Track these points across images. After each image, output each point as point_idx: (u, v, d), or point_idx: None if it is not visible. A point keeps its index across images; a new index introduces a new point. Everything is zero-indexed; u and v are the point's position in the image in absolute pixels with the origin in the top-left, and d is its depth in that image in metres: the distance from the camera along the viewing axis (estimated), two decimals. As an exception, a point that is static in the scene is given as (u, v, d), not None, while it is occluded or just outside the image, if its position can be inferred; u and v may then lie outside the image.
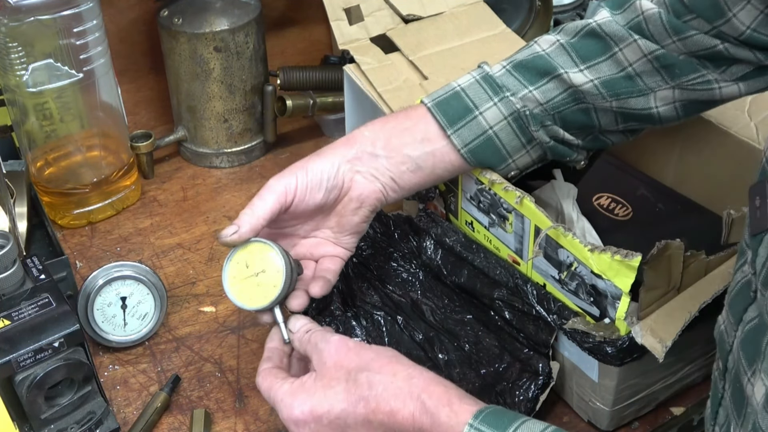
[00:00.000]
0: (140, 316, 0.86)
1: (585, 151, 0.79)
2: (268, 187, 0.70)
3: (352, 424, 0.62)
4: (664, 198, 0.86)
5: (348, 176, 0.73)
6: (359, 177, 0.74)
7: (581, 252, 0.69)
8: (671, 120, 0.75)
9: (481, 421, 0.57)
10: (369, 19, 1.01)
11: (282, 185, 0.70)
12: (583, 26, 0.75)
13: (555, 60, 0.74)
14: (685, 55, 0.71)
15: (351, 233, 0.76)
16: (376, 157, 0.74)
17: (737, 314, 0.57)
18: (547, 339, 0.75)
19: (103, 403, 0.76)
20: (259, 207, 0.69)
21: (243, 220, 0.69)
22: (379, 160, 0.74)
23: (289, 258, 0.70)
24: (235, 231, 0.68)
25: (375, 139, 0.74)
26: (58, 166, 1.01)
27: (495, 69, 0.76)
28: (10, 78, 0.92)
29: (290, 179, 0.71)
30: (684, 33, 0.70)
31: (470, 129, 0.74)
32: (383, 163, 0.74)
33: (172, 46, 1.06)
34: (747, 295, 0.56)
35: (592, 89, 0.73)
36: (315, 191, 0.72)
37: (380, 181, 0.74)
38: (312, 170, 0.72)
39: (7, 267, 0.72)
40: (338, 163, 0.73)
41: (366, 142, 0.74)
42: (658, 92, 0.73)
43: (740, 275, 0.58)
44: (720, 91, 0.72)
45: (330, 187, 0.72)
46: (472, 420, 0.58)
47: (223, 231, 0.69)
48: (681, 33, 0.70)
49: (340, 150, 0.74)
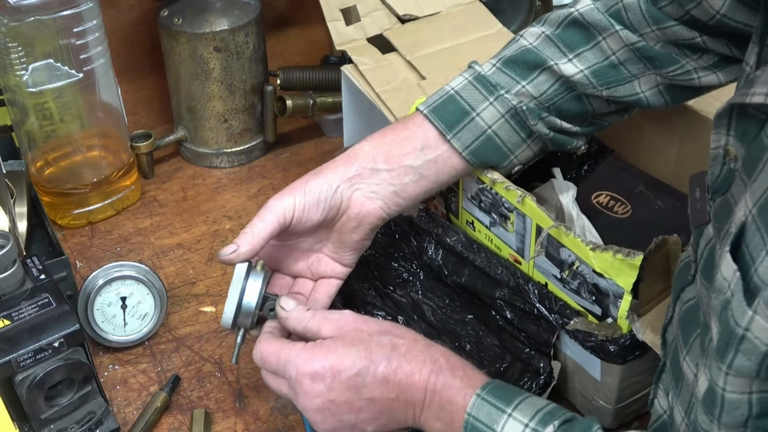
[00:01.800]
0: (140, 316, 0.86)
1: (584, 137, 0.79)
2: (268, 208, 0.71)
3: (370, 383, 0.63)
4: (663, 195, 0.86)
5: (347, 195, 0.73)
6: (358, 195, 0.74)
7: (583, 251, 0.69)
8: (660, 105, 0.76)
9: (488, 393, 0.61)
10: (366, 20, 1.01)
11: (281, 206, 0.71)
12: (565, 16, 0.75)
13: (543, 52, 0.75)
14: (663, 43, 0.72)
15: (351, 250, 0.76)
16: (378, 172, 0.74)
17: (676, 291, 0.61)
18: (548, 338, 0.74)
19: (103, 403, 0.76)
20: (259, 228, 0.70)
21: (243, 240, 0.69)
22: (381, 175, 0.74)
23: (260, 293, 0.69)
24: (234, 250, 0.69)
25: (375, 153, 0.74)
26: (58, 166, 1.01)
27: (486, 68, 0.76)
28: (10, 78, 0.92)
29: (289, 200, 0.71)
30: (663, 23, 0.71)
31: (469, 131, 0.74)
32: (385, 177, 0.74)
33: (172, 46, 1.06)
34: (686, 275, 0.60)
35: (583, 79, 0.74)
36: (313, 211, 0.72)
37: (381, 197, 0.74)
38: (310, 191, 0.72)
39: (7, 267, 0.72)
40: (336, 183, 0.73)
41: (366, 157, 0.74)
42: (641, 78, 0.74)
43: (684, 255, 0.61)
44: (699, 80, 0.73)
45: (328, 207, 0.72)
46: (480, 390, 0.62)
47: (223, 249, 0.70)
48: (660, 23, 0.71)
49: (340, 169, 0.74)
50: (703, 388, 0.51)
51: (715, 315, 0.48)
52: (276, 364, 0.65)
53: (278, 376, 0.66)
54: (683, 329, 0.58)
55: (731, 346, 0.46)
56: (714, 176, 0.55)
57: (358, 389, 0.63)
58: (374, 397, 0.63)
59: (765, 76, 0.49)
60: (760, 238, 0.45)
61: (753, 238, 0.46)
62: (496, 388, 0.62)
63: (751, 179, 0.48)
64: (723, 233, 0.51)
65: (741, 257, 0.47)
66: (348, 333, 0.65)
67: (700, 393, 0.52)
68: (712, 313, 0.49)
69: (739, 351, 0.45)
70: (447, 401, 0.62)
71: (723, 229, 0.51)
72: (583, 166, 0.93)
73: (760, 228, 0.45)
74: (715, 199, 0.55)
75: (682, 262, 0.62)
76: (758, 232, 0.45)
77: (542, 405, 0.61)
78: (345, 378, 0.62)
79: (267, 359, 0.66)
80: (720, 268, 0.48)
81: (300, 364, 0.63)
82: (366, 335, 0.65)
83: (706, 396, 0.50)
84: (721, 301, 0.47)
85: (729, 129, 0.53)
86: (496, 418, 0.60)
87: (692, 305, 0.57)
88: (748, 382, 0.46)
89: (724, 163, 0.54)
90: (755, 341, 0.44)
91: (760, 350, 0.44)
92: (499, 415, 0.60)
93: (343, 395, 0.63)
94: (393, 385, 0.63)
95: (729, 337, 0.46)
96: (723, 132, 0.53)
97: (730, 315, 0.46)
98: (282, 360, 0.65)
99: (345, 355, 0.63)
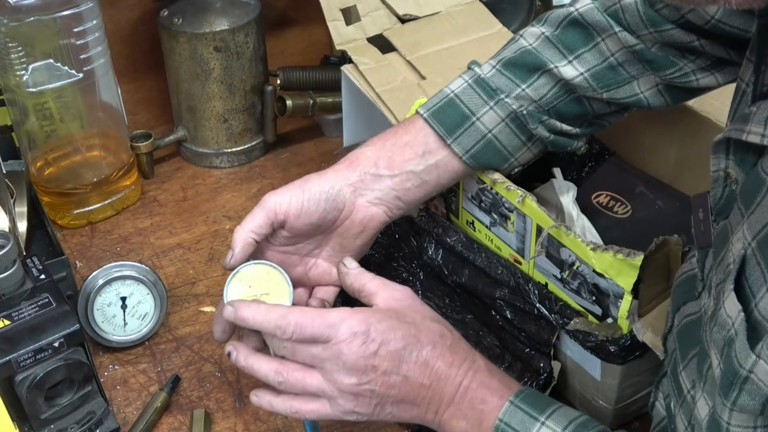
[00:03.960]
0: (140, 316, 0.86)
1: (584, 137, 0.79)
2: (260, 203, 0.71)
3: (412, 361, 0.63)
4: (662, 195, 0.86)
5: (350, 200, 0.73)
6: (363, 201, 0.74)
7: (583, 251, 0.69)
8: (660, 106, 0.76)
9: (521, 400, 0.62)
10: (366, 20, 1.01)
11: (273, 201, 0.71)
12: (565, 16, 0.75)
13: (543, 54, 0.74)
14: (660, 45, 0.72)
15: (351, 256, 0.75)
16: (380, 178, 0.74)
17: (677, 301, 0.61)
18: (548, 338, 0.74)
19: (103, 403, 0.75)
20: (247, 222, 0.70)
21: (234, 239, 0.70)
22: (383, 181, 0.74)
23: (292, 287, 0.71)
24: (231, 255, 0.70)
25: (377, 158, 0.74)
26: (58, 166, 1.01)
27: (485, 70, 0.76)
28: (10, 78, 0.92)
29: (283, 196, 0.71)
30: (659, 26, 0.71)
31: (469, 135, 0.74)
32: (387, 183, 0.74)
33: (172, 46, 1.06)
34: (690, 289, 0.60)
35: (583, 82, 0.74)
36: (311, 210, 0.72)
37: (385, 203, 0.74)
38: (309, 189, 0.72)
39: (7, 267, 0.72)
40: (339, 186, 0.73)
41: (369, 163, 0.74)
42: (640, 79, 0.74)
43: (688, 266, 0.62)
44: (697, 82, 0.74)
45: (328, 207, 0.72)
46: (513, 397, 0.62)
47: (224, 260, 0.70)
48: (657, 25, 0.71)
49: (342, 173, 0.73)
50: (703, 412, 0.52)
51: (716, 348, 0.49)
52: (319, 326, 0.63)
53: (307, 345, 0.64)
54: (681, 343, 0.59)
55: (735, 386, 0.47)
56: (716, 198, 0.55)
57: (400, 363, 0.63)
58: (410, 377, 0.63)
59: (761, 114, 0.49)
60: (760, 273, 0.46)
61: (753, 272, 0.47)
62: (530, 396, 0.63)
63: (749, 211, 0.48)
64: (719, 260, 0.52)
65: (741, 289, 0.48)
66: (402, 308, 0.65)
67: (699, 416, 0.52)
68: (712, 344, 0.50)
69: (743, 391, 0.46)
70: (480, 400, 0.62)
71: (719, 255, 0.52)
72: (584, 168, 0.92)
73: (761, 263, 0.46)
74: (718, 221, 0.55)
75: (684, 274, 0.62)
76: (758, 266, 0.46)
77: (575, 415, 0.61)
78: (393, 348, 0.62)
79: (306, 324, 0.63)
80: (724, 305, 0.48)
81: (354, 324, 0.62)
82: (419, 317, 0.65)
83: (711, 426, 0.50)
84: (724, 337, 0.48)
85: (728, 154, 0.53)
86: (529, 426, 0.60)
87: (694, 321, 0.57)
88: (753, 417, 0.47)
89: (725, 185, 0.54)
90: (759, 383, 0.45)
91: (763, 391, 0.45)
92: (532, 423, 0.60)
93: (384, 364, 0.62)
94: (430, 372, 0.63)
95: (733, 377, 0.47)
96: (722, 156, 0.54)
97: (734, 356, 0.46)
98: (329, 321, 0.63)
99: (397, 327, 0.63)
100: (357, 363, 0.62)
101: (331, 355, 0.63)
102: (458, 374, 0.63)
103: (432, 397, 0.63)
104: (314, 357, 0.64)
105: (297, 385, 0.65)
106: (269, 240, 0.73)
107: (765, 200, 0.47)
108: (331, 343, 0.63)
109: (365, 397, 0.63)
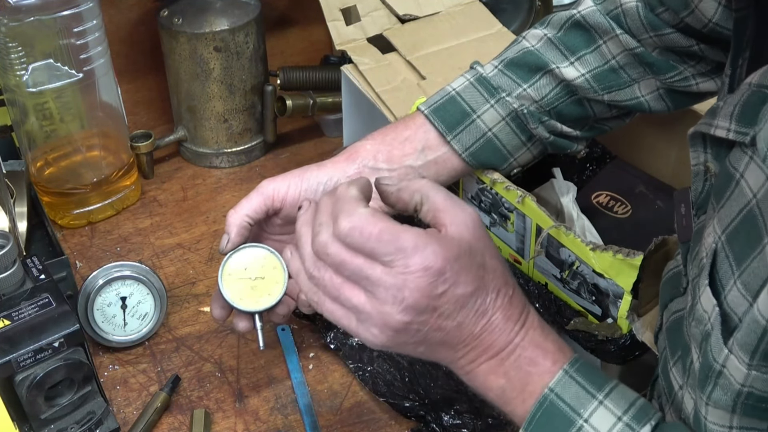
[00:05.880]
0: (140, 316, 0.86)
1: (584, 141, 0.79)
2: (257, 188, 0.70)
3: (473, 308, 0.54)
4: (663, 195, 0.86)
5: None
6: None
7: (583, 251, 0.69)
8: (662, 110, 0.76)
9: (577, 371, 0.55)
10: (366, 20, 1.01)
11: (271, 188, 0.70)
12: (568, 18, 0.75)
13: (545, 55, 0.75)
14: (660, 49, 0.73)
15: None
16: (379, 172, 0.74)
17: (665, 298, 0.61)
18: (548, 338, 0.74)
19: (103, 403, 0.76)
20: (243, 205, 0.69)
21: (228, 222, 0.68)
22: (382, 175, 0.74)
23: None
24: (227, 240, 0.68)
25: (376, 152, 0.74)
26: (58, 166, 1.01)
27: (487, 69, 0.76)
28: (10, 78, 0.92)
29: (282, 183, 0.71)
30: (660, 30, 0.71)
31: (469, 133, 0.74)
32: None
33: (172, 46, 1.06)
34: (676, 285, 0.60)
35: (584, 83, 0.74)
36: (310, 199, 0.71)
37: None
38: (308, 179, 0.71)
39: (7, 267, 0.72)
40: (337, 178, 0.72)
41: (368, 156, 0.74)
42: (641, 82, 0.74)
43: (674, 263, 0.62)
44: (697, 87, 0.74)
45: None
46: (568, 366, 0.55)
47: (220, 245, 0.69)
48: (657, 29, 0.71)
49: (341, 165, 0.73)
50: (689, 407, 0.52)
51: (695, 342, 0.50)
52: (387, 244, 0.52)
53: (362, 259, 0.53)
54: (670, 340, 0.58)
55: (710, 379, 0.47)
56: (698, 192, 0.56)
57: (460, 309, 0.54)
58: (464, 324, 0.54)
59: (727, 109, 0.49)
60: (728, 266, 0.46)
61: (722, 265, 0.47)
62: (585, 367, 0.56)
63: (719, 205, 0.49)
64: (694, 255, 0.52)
65: (713, 283, 0.48)
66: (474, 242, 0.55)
67: (687, 411, 0.53)
68: (692, 339, 0.51)
69: (717, 385, 0.47)
70: (529, 360, 0.55)
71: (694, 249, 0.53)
72: (585, 171, 0.93)
73: (729, 256, 0.47)
74: (699, 216, 0.56)
75: (671, 271, 0.62)
76: (727, 260, 0.47)
77: (634, 397, 0.54)
78: (460, 293, 0.53)
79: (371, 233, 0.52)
80: (700, 300, 0.49)
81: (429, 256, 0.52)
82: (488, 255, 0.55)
83: (695, 421, 0.51)
84: (702, 331, 0.48)
85: (705, 147, 0.53)
86: (585, 402, 0.53)
87: (680, 317, 0.58)
88: (728, 416, 0.47)
89: (705, 179, 0.55)
90: (730, 378, 0.46)
91: (734, 387, 0.46)
92: (588, 400, 0.53)
93: (444, 306, 0.53)
94: (485, 323, 0.55)
95: (708, 370, 0.47)
96: (700, 149, 0.54)
97: (709, 349, 0.47)
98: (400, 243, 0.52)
99: (469, 268, 0.53)
100: (419, 302, 0.52)
101: (392, 285, 0.52)
102: (513, 330, 0.55)
103: (475, 347, 0.55)
104: (367, 278, 0.53)
105: (331, 290, 0.55)
106: (263, 227, 0.72)
107: (734, 195, 0.47)
108: (395, 270, 0.52)
109: (407, 334, 0.54)
